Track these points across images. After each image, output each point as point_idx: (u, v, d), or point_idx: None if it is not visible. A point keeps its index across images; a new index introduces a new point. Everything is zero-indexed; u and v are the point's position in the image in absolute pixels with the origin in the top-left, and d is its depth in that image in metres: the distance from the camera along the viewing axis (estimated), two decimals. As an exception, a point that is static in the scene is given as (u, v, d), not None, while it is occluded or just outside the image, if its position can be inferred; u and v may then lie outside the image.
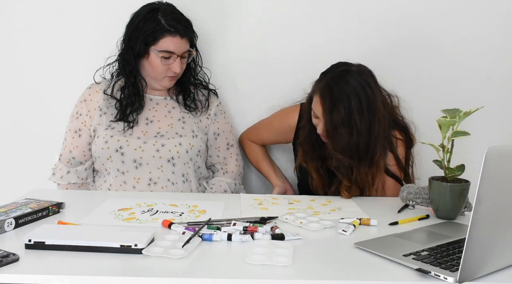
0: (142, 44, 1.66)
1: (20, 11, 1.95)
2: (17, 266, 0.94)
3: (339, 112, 1.49)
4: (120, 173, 1.66)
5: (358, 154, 1.53)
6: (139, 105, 1.72)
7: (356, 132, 1.50)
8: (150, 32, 1.65)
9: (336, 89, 1.51)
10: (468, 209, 1.38)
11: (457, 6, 1.96)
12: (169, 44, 1.66)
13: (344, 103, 1.49)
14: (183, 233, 1.14)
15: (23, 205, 1.25)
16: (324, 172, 1.66)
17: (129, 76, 1.71)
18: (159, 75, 1.70)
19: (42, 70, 1.98)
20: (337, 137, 1.51)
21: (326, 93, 1.52)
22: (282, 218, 1.29)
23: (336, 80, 1.53)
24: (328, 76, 1.56)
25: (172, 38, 1.66)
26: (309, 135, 1.67)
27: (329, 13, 1.96)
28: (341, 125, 1.50)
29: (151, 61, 1.68)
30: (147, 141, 1.67)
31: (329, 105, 1.51)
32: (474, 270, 0.92)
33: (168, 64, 1.68)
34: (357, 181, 1.55)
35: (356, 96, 1.49)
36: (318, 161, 1.66)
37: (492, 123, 1.98)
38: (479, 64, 2.00)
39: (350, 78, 1.52)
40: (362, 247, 1.09)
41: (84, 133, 1.73)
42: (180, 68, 1.70)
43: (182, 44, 1.69)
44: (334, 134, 1.52)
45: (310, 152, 1.67)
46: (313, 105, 1.59)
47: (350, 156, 1.53)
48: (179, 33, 1.67)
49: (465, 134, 1.30)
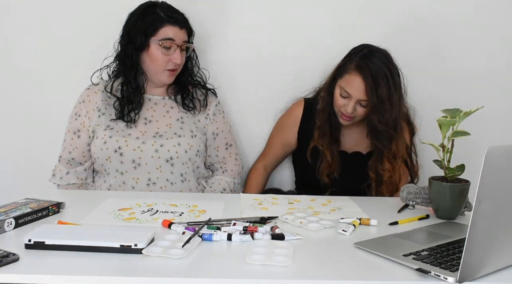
0: (142, 37, 1.67)
1: (18, 12, 1.95)
2: (17, 266, 0.94)
3: (383, 87, 1.59)
4: (119, 173, 1.66)
5: (395, 126, 1.66)
6: (138, 103, 1.72)
7: (395, 105, 1.62)
8: (149, 24, 1.67)
9: (373, 67, 1.60)
10: (468, 209, 1.38)
11: (457, 6, 1.96)
12: (169, 32, 1.67)
13: (384, 79, 1.60)
14: (183, 233, 1.14)
15: (23, 205, 1.25)
16: (335, 157, 1.73)
17: (130, 71, 1.71)
18: (159, 68, 1.70)
19: (42, 71, 1.98)
20: (382, 111, 1.61)
21: (366, 69, 1.60)
22: (282, 218, 1.29)
23: (370, 58, 1.62)
24: (360, 55, 1.64)
25: (172, 27, 1.68)
26: (329, 118, 1.74)
27: (329, 12, 1.96)
28: (386, 99, 1.60)
29: (151, 53, 1.69)
30: (146, 141, 1.66)
31: (372, 81, 1.59)
32: (474, 270, 0.92)
33: (169, 55, 1.68)
34: (394, 154, 1.67)
35: (390, 72, 1.61)
36: (334, 145, 1.74)
37: (492, 123, 1.98)
38: (479, 64, 2.00)
39: (380, 56, 1.63)
40: (362, 247, 1.09)
41: (83, 134, 1.73)
42: (180, 59, 1.70)
43: (181, 34, 1.70)
44: (380, 108, 1.61)
45: (328, 136, 1.74)
46: (346, 85, 1.64)
47: (392, 128, 1.65)
48: (178, 23, 1.70)
49: (465, 134, 1.30)
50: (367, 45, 1.67)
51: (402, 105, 1.69)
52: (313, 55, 1.95)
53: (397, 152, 1.68)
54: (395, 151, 1.68)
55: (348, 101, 1.65)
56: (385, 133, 1.66)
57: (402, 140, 1.69)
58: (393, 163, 1.68)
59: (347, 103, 1.65)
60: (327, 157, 1.73)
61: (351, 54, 1.67)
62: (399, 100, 1.65)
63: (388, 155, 1.68)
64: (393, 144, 1.67)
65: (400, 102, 1.66)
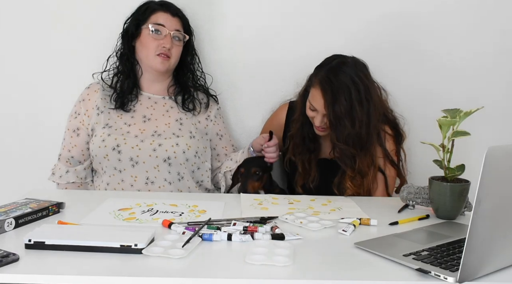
0: (134, 25, 1.72)
1: (18, 11, 1.95)
2: (17, 266, 0.94)
3: (341, 103, 1.52)
4: (117, 171, 1.66)
5: (360, 144, 1.56)
6: (135, 94, 1.74)
7: (357, 122, 1.53)
8: (141, 13, 1.72)
9: (335, 80, 1.53)
10: (468, 209, 1.38)
11: (457, 4, 1.96)
12: (160, 18, 1.71)
13: (345, 94, 1.52)
14: (183, 233, 1.14)
15: (23, 205, 1.25)
16: (309, 166, 1.68)
17: (125, 62, 1.75)
18: (150, 53, 1.71)
19: (42, 70, 1.98)
20: (340, 128, 1.54)
21: (327, 85, 1.54)
22: (282, 218, 1.29)
23: (335, 71, 1.55)
24: (325, 69, 1.58)
25: (163, 13, 1.72)
26: (302, 128, 1.69)
27: (328, 15, 1.96)
28: (344, 116, 1.52)
29: (142, 40, 1.71)
30: (144, 140, 1.67)
31: (331, 97, 1.53)
32: (474, 270, 0.92)
33: (159, 40, 1.69)
34: (360, 171, 1.58)
35: (355, 86, 1.53)
36: (306, 154, 1.69)
37: (492, 123, 1.98)
38: (479, 64, 2.00)
39: (348, 69, 1.55)
40: (362, 247, 1.09)
41: (82, 132, 1.73)
42: (170, 43, 1.70)
43: (173, 21, 1.72)
44: (337, 125, 1.54)
45: (301, 145, 1.70)
46: (311, 98, 1.60)
47: (352, 145, 1.56)
48: (170, 10, 1.73)
49: (465, 134, 1.30)
50: (338, 56, 1.61)
51: (373, 118, 1.57)
52: (313, 58, 1.94)
53: (363, 168, 1.59)
54: (360, 167, 1.58)
55: (316, 114, 1.60)
56: (345, 151, 1.57)
57: (372, 153, 1.60)
58: (358, 180, 1.59)
59: (316, 116, 1.61)
60: (299, 167, 1.68)
61: (321, 65, 1.62)
62: (367, 114, 1.54)
63: (352, 174, 1.58)
64: (357, 162, 1.58)
65: (369, 116, 1.55)
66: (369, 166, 1.60)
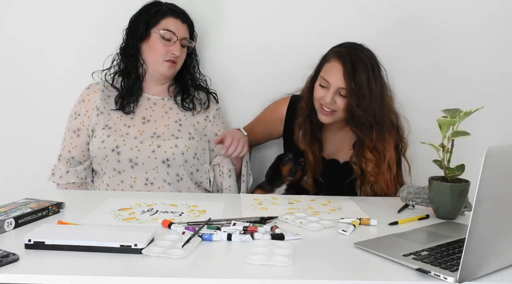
0: (144, 27, 1.70)
1: (19, 11, 1.95)
2: (17, 266, 0.94)
3: (361, 74, 1.57)
4: (117, 172, 1.66)
5: (375, 117, 1.60)
6: (137, 93, 1.74)
7: (373, 95, 1.58)
8: (152, 15, 1.71)
9: (354, 55, 1.59)
10: (468, 209, 1.38)
11: (457, 5, 1.96)
12: (170, 24, 1.70)
13: (363, 67, 1.57)
14: (183, 233, 1.14)
15: (23, 205, 1.25)
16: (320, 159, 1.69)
17: (130, 61, 1.74)
18: (158, 59, 1.71)
19: (42, 71, 1.98)
20: (360, 95, 1.58)
21: (346, 56, 1.59)
22: (282, 218, 1.29)
23: (352, 48, 1.62)
24: (343, 45, 1.64)
25: (174, 19, 1.72)
26: (309, 115, 1.70)
27: (328, 13, 1.96)
28: (364, 85, 1.56)
29: (151, 43, 1.71)
30: (144, 141, 1.67)
31: (350, 67, 1.57)
32: (474, 270, 0.92)
33: (168, 46, 1.70)
34: (376, 147, 1.61)
35: (370, 64, 1.59)
36: (315, 144, 1.70)
37: (492, 123, 1.98)
38: (479, 64, 2.00)
39: (364, 50, 1.62)
40: (362, 247, 1.09)
41: (82, 133, 1.73)
42: (179, 51, 1.71)
43: (182, 28, 1.73)
44: (358, 92, 1.57)
45: (309, 133, 1.70)
46: (325, 72, 1.62)
47: (371, 115, 1.59)
48: (180, 17, 1.73)
49: (465, 134, 1.30)
50: (351, 42, 1.66)
51: (385, 102, 1.63)
52: (314, 55, 1.95)
53: (379, 147, 1.61)
54: (377, 144, 1.60)
55: (327, 91, 1.60)
56: (363, 119, 1.59)
57: (387, 140, 1.62)
58: (375, 155, 1.61)
59: (326, 94, 1.60)
60: (309, 158, 1.68)
61: (337, 46, 1.66)
62: (381, 93, 1.60)
63: (370, 144, 1.61)
64: (374, 133, 1.60)
65: (382, 96, 1.61)
66: (385, 149, 1.62)
